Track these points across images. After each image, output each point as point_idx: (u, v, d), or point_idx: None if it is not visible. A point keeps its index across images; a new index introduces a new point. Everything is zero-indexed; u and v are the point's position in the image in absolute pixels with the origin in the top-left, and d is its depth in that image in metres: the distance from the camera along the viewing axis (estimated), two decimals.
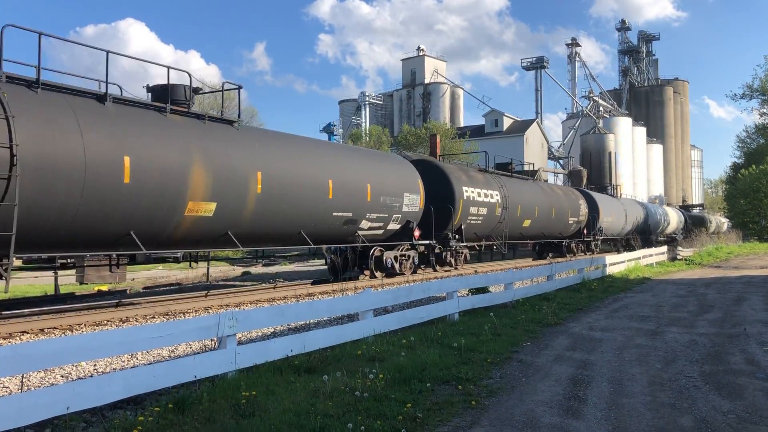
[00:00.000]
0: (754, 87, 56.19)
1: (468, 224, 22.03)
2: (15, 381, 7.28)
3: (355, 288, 14.97)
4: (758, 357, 8.71)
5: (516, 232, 26.19)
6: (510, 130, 67.83)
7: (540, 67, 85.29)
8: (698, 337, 10.27)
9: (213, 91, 21.88)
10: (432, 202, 20.01)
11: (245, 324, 7.52)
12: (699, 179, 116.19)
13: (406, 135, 59.65)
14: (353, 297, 10.43)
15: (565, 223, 31.29)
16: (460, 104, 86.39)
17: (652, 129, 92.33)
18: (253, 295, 14.48)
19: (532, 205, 27.10)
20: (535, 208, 27.38)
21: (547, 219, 28.82)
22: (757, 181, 48.04)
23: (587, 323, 11.81)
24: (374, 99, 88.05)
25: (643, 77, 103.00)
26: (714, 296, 16.17)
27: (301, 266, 31.22)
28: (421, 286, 11.97)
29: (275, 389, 6.62)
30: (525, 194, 26.69)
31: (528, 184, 28.53)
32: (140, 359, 8.54)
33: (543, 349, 9.30)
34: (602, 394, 6.90)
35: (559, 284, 16.80)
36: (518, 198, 25.56)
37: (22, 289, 20.07)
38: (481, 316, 11.65)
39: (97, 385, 5.80)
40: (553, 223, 29.72)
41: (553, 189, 32.01)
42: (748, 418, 6.05)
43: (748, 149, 67.89)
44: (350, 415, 5.83)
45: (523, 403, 6.55)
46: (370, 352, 8.32)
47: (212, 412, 5.89)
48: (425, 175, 20.22)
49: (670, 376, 7.71)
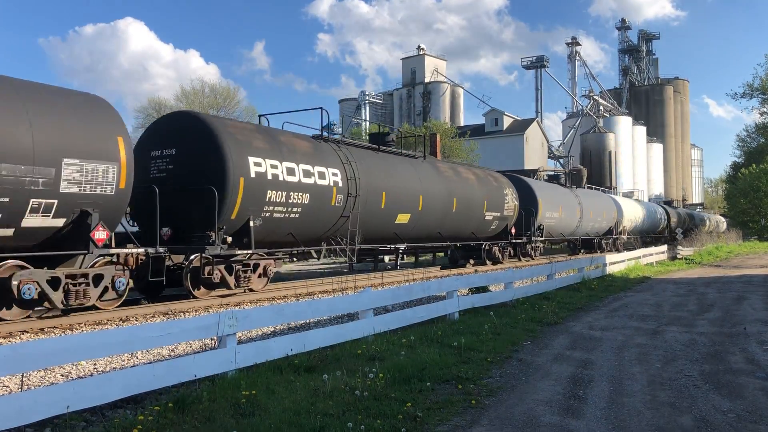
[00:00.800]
0: (754, 86, 56.23)
1: (266, 218, 14.03)
2: (15, 380, 7.28)
3: (355, 287, 14.98)
4: (758, 356, 8.71)
5: (385, 230, 18.51)
6: (510, 129, 67.83)
7: (540, 66, 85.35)
8: (698, 337, 10.27)
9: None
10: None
11: (245, 323, 7.51)
12: (699, 178, 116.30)
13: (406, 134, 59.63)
14: (353, 296, 10.43)
15: (479, 221, 23.36)
16: (460, 103, 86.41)
17: (652, 128, 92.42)
18: (253, 295, 14.49)
19: (413, 193, 19.08)
20: (419, 197, 19.30)
21: (445, 213, 20.92)
22: (757, 180, 48.08)
23: (587, 322, 11.81)
24: (374, 98, 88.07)
25: (643, 76, 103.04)
26: (714, 295, 16.17)
27: (300, 266, 31.18)
28: (421, 285, 11.97)
29: (275, 388, 6.62)
30: (398, 177, 18.71)
31: (410, 162, 20.03)
32: (140, 358, 8.54)
33: (543, 349, 9.30)
34: (602, 394, 6.90)
35: (559, 283, 16.80)
36: (383, 181, 17.88)
37: None
38: (481, 315, 11.65)
39: (97, 385, 5.80)
40: (458, 220, 21.74)
41: (460, 172, 23.12)
42: (748, 417, 6.05)
43: (748, 148, 67.91)
44: (350, 414, 5.84)
45: (523, 402, 6.55)
46: (370, 352, 8.32)
47: (212, 411, 5.89)
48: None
49: (670, 375, 7.71)
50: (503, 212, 24.94)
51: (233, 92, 56.36)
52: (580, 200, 33.09)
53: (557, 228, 30.21)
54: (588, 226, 34.10)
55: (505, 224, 25.48)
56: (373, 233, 17.87)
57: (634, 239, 41.71)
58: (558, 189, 32.77)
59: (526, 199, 27.04)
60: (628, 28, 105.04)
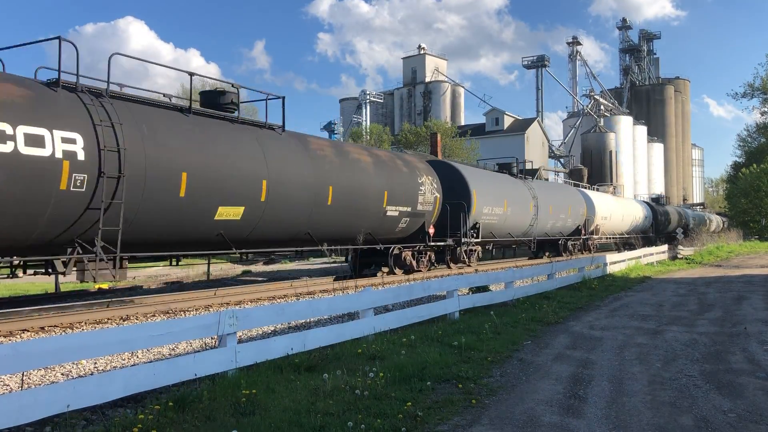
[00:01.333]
0: (755, 86, 56.22)
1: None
2: (15, 379, 7.28)
3: (356, 287, 14.96)
4: (759, 356, 8.70)
5: (192, 231, 12.76)
6: (511, 128, 67.79)
7: (541, 66, 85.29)
8: (699, 336, 10.27)
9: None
10: None
11: (245, 322, 7.52)
12: (700, 178, 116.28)
13: (406, 134, 59.64)
14: (354, 296, 10.43)
15: (376, 218, 17.81)
16: (460, 103, 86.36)
17: (653, 128, 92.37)
18: (254, 294, 14.49)
19: (250, 176, 13.53)
20: (261, 182, 13.78)
21: (314, 207, 15.40)
22: (757, 179, 48.07)
23: (588, 322, 11.80)
24: (375, 97, 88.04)
25: (644, 76, 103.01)
26: (714, 295, 16.16)
27: (300, 265, 31.23)
28: (422, 284, 11.97)
29: (275, 387, 6.62)
30: (219, 152, 13.00)
31: (251, 135, 14.21)
32: (141, 357, 8.55)
33: (543, 348, 9.30)
34: (602, 393, 6.90)
35: (559, 283, 16.79)
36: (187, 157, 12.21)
37: (23, 287, 20.08)
38: (482, 315, 11.65)
39: (98, 384, 5.80)
40: (338, 216, 16.31)
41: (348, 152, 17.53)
42: (749, 417, 6.05)
43: (749, 148, 67.88)
44: (350, 413, 5.83)
45: (524, 401, 6.54)
46: (371, 351, 8.32)
47: (212, 410, 5.90)
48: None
49: (671, 375, 7.70)
50: (416, 207, 19.29)
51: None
52: (534, 193, 27.38)
53: (502, 227, 24.47)
54: (547, 225, 28.57)
55: (421, 222, 19.91)
56: (167, 235, 12.29)
57: (615, 241, 38.14)
58: (502, 179, 26.36)
59: (455, 190, 21.37)
60: (629, 28, 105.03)
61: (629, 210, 42.30)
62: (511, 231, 25.56)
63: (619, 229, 39.27)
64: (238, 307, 12.36)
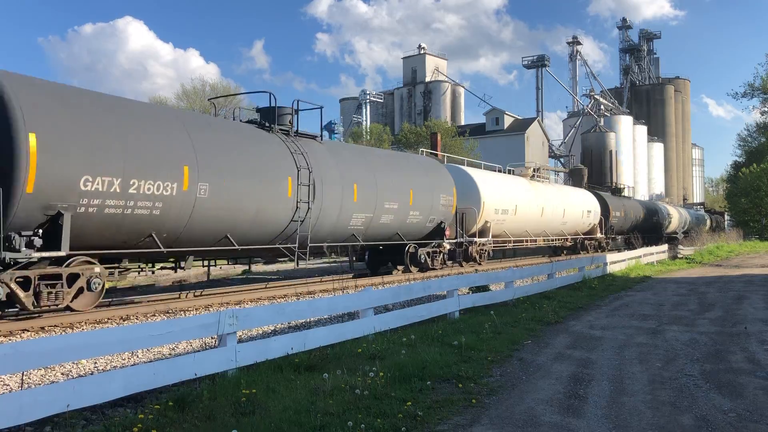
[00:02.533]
0: (755, 86, 56.13)
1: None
2: (15, 378, 7.28)
3: (356, 286, 14.96)
4: (759, 356, 8.70)
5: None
6: (511, 128, 67.80)
7: (541, 66, 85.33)
8: (699, 336, 10.26)
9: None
10: None
11: (246, 322, 7.51)
12: (700, 178, 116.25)
13: (406, 133, 59.62)
14: (354, 295, 10.43)
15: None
16: (461, 102, 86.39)
17: (653, 127, 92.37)
18: (254, 293, 14.50)
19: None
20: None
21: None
22: (758, 179, 48.01)
23: (588, 322, 11.80)
24: (375, 97, 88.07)
25: (644, 76, 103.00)
26: (715, 295, 16.15)
27: (301, 265, 31.13)
28: (422, 284, 11.97)
29: (275, 387, 6.62)
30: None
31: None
32: (141, 357, 8.54)
33: (543, 348, 9.29)
34: (603, 393, 6.89)
35: (559, 282, 16.79)
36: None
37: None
38: (482, 315, 11.64)
39: (98, 383, 5.80)
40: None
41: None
42: (749, 416, 6.05)
43: (749, 148, 67.81)
44: (350, 413, 5.83)
45: (524, 401, 6.54)
46: (371, 350, 8.31)
47: (212, 409, 5.89)
48: None
49: (671, 374, 7.70)
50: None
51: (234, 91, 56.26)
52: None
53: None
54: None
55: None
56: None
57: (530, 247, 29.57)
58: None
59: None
60: (629, 28, 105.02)
61: (557, 201, 30.78)
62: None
63: (537, 228, 28.97)
64: (238, 306, 12.36)
